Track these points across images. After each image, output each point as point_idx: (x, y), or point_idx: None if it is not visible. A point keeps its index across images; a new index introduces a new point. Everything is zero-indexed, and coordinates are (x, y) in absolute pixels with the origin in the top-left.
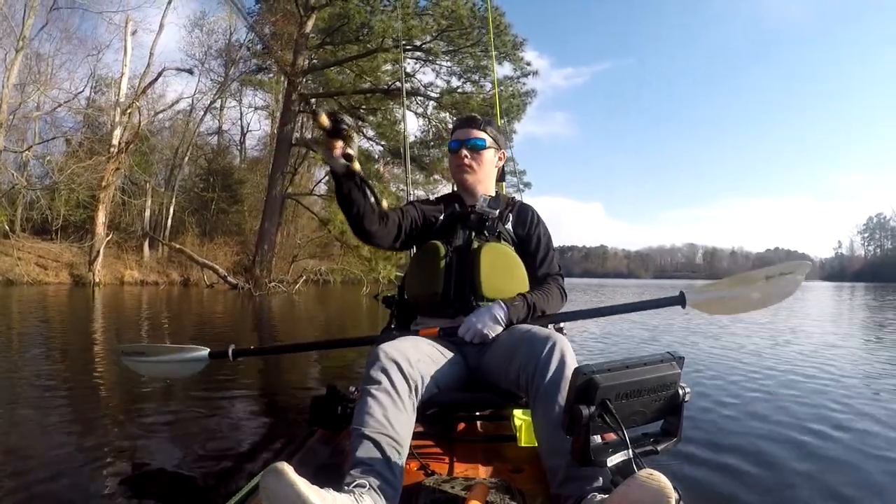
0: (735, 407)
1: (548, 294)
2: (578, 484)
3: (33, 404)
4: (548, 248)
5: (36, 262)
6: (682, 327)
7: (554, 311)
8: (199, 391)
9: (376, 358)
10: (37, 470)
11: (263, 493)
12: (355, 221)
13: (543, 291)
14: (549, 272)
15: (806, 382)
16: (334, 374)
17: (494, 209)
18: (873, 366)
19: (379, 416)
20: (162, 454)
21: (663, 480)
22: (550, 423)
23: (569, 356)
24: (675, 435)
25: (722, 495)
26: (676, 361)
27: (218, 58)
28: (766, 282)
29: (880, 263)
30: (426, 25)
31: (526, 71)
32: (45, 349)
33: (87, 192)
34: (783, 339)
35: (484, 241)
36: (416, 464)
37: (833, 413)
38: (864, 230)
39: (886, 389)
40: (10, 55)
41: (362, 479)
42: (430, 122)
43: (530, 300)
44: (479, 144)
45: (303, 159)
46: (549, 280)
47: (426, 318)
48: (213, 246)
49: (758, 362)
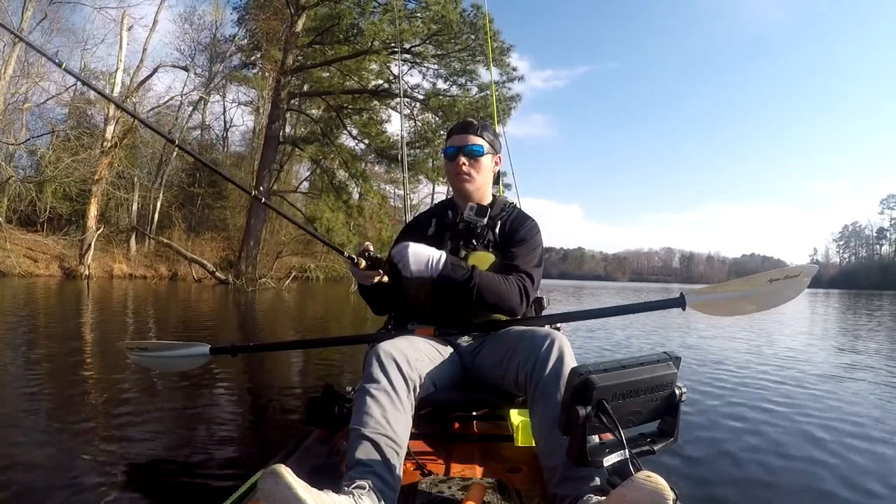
0: (733, 407)
1: (502, 281)
2: (575, 484)
3: (33, 404)
4: (528, 248)
5: (25, 254)
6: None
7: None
8: (195, 391)
9: (375, 357)
10: (33, 470)
11: (261, 495)
12: (377, 308)
13: (501, 277)
14: (518, 266)
15: (801, 384)
16: (330, 373)
17: (482, 217)
18: (869, 369)
19: (378, 415)
20: (157, 454)
21: (661, 482)
22: (548, 422)
23: (568, 354)
24: (672, 435)
25: (720, 496)
26: (673, 361)
27: (204, 52)
28: (770, 285)
29: (854, 271)
30: (416, 29)
31: (512, 76)
32: (47, 345)
33: (80, 185)
34: (775, 340)
35: (471, 250)
36: (412, 464)
37: (831, 413)
38: (840, 238)
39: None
40: (7, 48)
41: (361, 480)
42: (416, 124)
43: (476, 274)
44: (477, 151)
45: (288, 157)
46: (514, 274)
47: (417, 324)
48: (200, 241)
49: (755, 363)
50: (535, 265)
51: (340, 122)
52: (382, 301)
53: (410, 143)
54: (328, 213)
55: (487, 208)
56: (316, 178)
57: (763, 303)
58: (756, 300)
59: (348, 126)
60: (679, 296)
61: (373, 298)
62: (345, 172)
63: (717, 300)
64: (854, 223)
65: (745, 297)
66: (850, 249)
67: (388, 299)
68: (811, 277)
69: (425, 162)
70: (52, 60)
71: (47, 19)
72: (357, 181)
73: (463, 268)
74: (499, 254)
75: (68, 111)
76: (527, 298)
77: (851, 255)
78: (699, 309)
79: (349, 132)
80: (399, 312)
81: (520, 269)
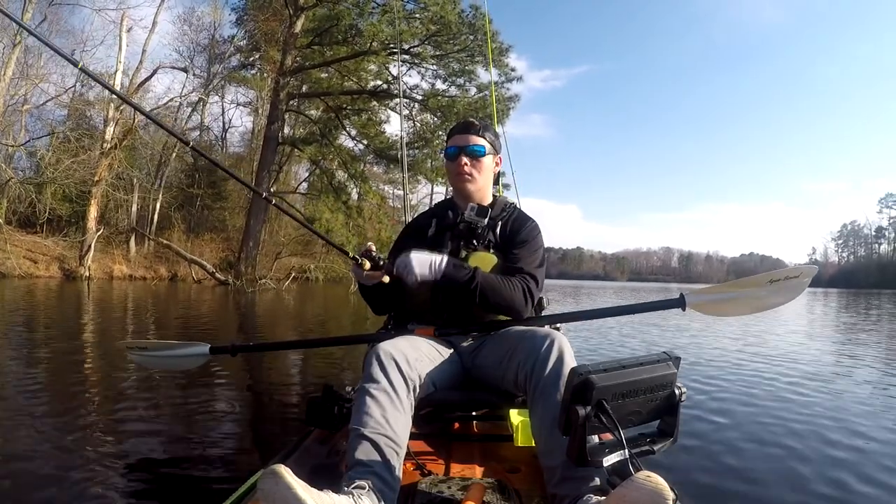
0: (733, 407)
1: (505, 283)
2: (575, 484)
3: (34, 404)
4: (530, 248)
5: (25, 256)
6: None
7: (501, 301)
8: (195, 391)
9: (375, 357)
10: (33, 470)
11: (261, 495)
12: (377, 308)
13: (503, 278)
14: (522, 268)
15: (802, 384)
16: (330, 373)
17: (483, 217)
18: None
19: (377, 415)
20: (157, 454)
21: (660, 482)
22: (547, 422)
23: (567, 354)
24: (672, 435)
25: (720, 496)
26: (673, 361)
27: (203, 52)
28: (770, 285)
29: (853, 270)
30: (415, 30)
31: (510, 76)
32: (48, 345)
33: (80, 186)
34: (775, 340)
35: (472, 250)
36: (412, 464)
37: (830, 414)
38: (839, 237)
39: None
40: (7, 49)
41: (361, 480)
42: (414, 124)
43: (478, 276)
44: (479, 151)
45: (287, 157)
46: (517, 276)
47: (418, 324)
48: (200, 242)
49: (755, 364)
50: (538, 266)
51: (339, 122)
52: (383, 301)
53: (409, 144)
54: (327, 214)
55: (488, 209)
56: (315, 178)
57: (763, 303)
58: (756, 301)
59: (347, 127)
60: (679, 296)
61: (373, 298)
62: (344, 173)
63: (718, 301)
64: (853, 222)
65: (746, 298)
66: (848, 248)
67: (388, 299)
68: (811, 278)
69: (424, 162)
70: (69, 60)
71: (46, 21)
72: (356, 182)
73: (465, 269)
74: (500, 254)
75: (67, 112)
76: (531, 300)
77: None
78: (699, 309)
79: (348, 133)
80: (399, 312)
81: (523, 271)
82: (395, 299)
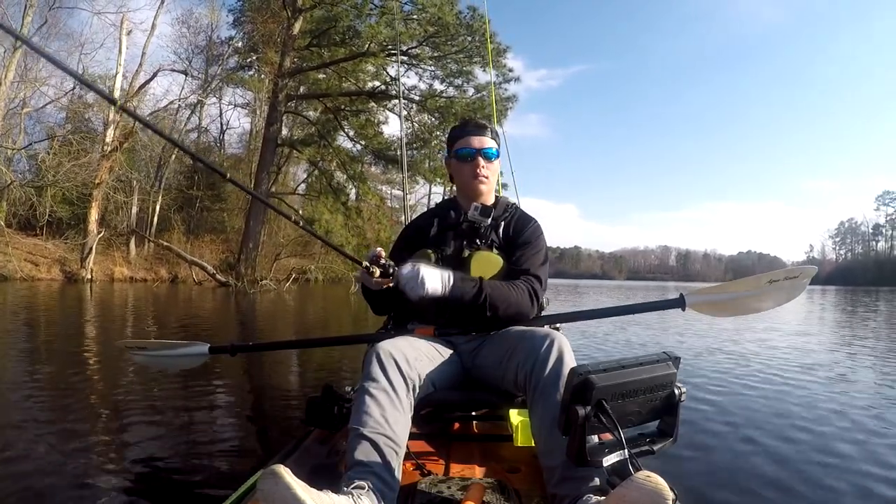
0: (732, 407)
1: (511, 289)
2: (574, 484)
3: (35, 404)
4: (534, 249)
5: (26, 259)
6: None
7: (509, 309)
8: (195, 391)
9: (374, 356)
10: (33, 470)
11: (261, 495)
12: (378, 308)
13: (509, 285)
14: (526, 270)
15: (801, 384)
16: (330, 373)
17: (486, 217)
18: (870, 368)
19: (377, 415)
20: (157, 454)
21: (660, 482)
22: (547, 422)
23: (567, 354)
24: (672, 435)
25: (720, 495)
26: (672, 361)
27: (200, 54)
28: (770, 286)
29: (850, 267)
30: (413, 31)
31: (508, 77)
32: (49, 346)
33: (81, 189)
34: (774, 340)
35: (475, 249)
36: (412, 464)
37: (830, 414)
38: (836, 235)
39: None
40: (7, 53)
41: (360, 481)
42: (413, 125)
43: (485, 287)
44: (493, 154)
45: (286, 159)
46: (522, 278)
47: (418, 324)
48: (199, 243)
49: (754, 363)
50: (542, 265)
51: (338, 123)
52: (384, 302)
53: (408, 144)
54: (327, 215)
55: (491, 208)
56: (314, 179)
57: (763, 304)
58: (756, 301)
59: (345, 128)
60: (679, 296)
61: (376, 300)
62: (342, 174)
63: (717, 301)
64: (850, 220)
65: (745, 298)
66: (846, 246)
67: (390, 301)
68: (810, 278)
69: (422, 163)
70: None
71: (46, 24)
72: (355, 182)
73: (471, 281)
74: (502, 254)
75: (66, 115)
76: (537, 300)
77: (847, 252)
78: (699, 309)
79: (346, 134)
80: (399, 312)
81: (528, 272)
82: (397, 300)
